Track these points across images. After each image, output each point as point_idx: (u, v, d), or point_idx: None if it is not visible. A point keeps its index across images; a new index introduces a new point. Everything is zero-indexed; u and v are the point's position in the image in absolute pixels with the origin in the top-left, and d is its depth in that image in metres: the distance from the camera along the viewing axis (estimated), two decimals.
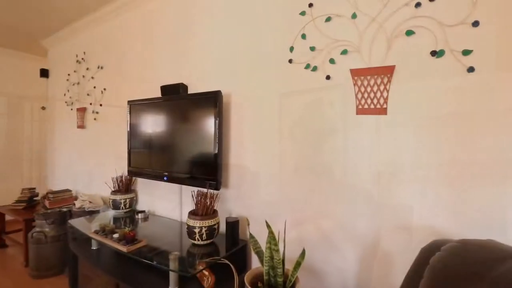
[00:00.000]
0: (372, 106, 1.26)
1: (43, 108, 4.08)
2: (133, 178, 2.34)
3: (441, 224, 1.09)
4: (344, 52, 1.34)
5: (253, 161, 1.67)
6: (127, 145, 2.23)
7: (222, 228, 1.65)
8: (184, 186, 1.98)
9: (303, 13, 1.47)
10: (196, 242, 1.52)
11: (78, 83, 2.99)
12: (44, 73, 3.47)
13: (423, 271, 0.80)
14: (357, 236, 1.30)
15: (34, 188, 3.10)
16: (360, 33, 1.30)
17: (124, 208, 2.20)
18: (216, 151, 1.63)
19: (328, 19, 1.39)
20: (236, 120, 1.74)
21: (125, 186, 2.27)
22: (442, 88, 1.09)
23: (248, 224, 1.37)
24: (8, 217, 2.93)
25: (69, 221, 2.09)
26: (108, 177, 2.51)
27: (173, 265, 1.34)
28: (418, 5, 1.14)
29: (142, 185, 2.35)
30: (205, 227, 1.50)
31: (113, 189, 2.27)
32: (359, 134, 1.30)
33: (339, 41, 1.36)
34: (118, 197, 2.19)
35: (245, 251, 1.64)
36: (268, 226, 1.14)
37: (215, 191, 1.65)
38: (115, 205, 2.19)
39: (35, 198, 3.04)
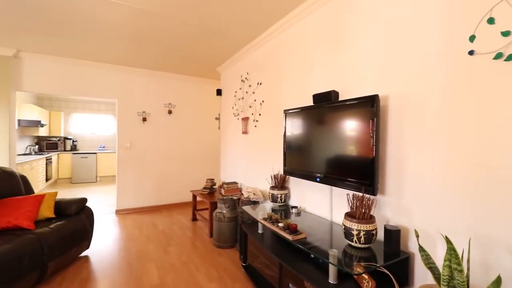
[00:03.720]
0: None
1: (217, 118, 5.36)
2: (287, 176, 2.67)
3: None
4: None
5: (415, 168, 1.53)
6: (282, 147, 2.57)
7: (379, 234, 1.62)
8: (334, 188, 2.08)
9: None
10: (353, 244, 1.57)
11: (242, 98, 3.73)
12: (219, 92, 4.55)
13: None
14: None
15: (213, 179, 4.14)
16: None
17: (280, 202, 2.56)
18: (373, 156, 1.61)
19: None
20: (394, 124, 1.65)
21: (280, 183, 2.63)
22: None
23: (417, 236, 1.28)
24: (198, 199, 4.07)
25: (242, 207, 2.66)
26: (266, 174, 2.99)
27: (332, 260, 1.45)
28: None
29: (293, 183, 2.64)
30: (363, 230, 1.52)
31: (272, 185, 2.68)
32: None
33: None
34: (276, 192, 2.57)
35: (407, 264, 1.53)
36: (448, 242, 1.03)
37: (371, 196, 1.64)
38: (274, 199, 2.58)
39: (214, 187, 4.05)
